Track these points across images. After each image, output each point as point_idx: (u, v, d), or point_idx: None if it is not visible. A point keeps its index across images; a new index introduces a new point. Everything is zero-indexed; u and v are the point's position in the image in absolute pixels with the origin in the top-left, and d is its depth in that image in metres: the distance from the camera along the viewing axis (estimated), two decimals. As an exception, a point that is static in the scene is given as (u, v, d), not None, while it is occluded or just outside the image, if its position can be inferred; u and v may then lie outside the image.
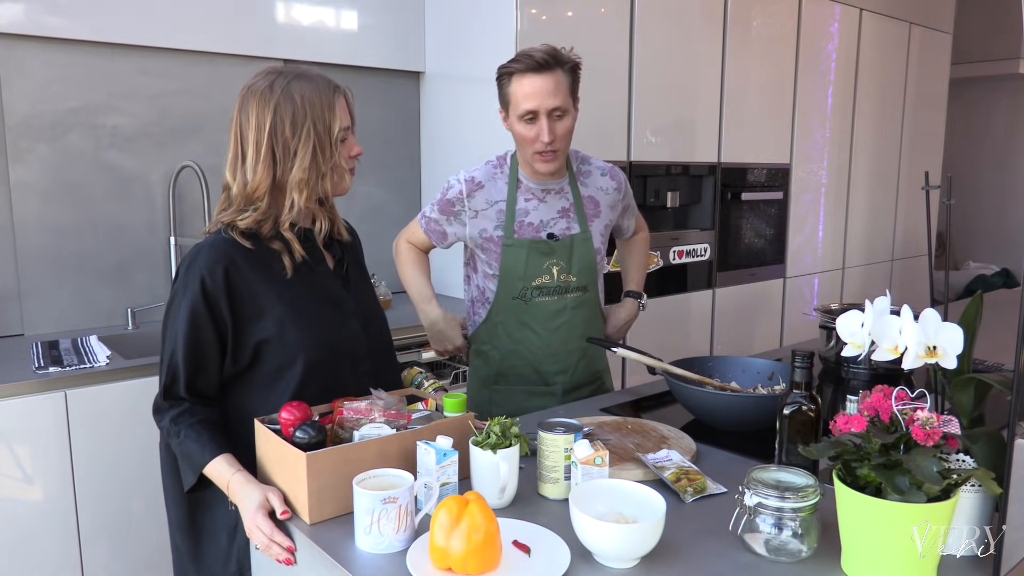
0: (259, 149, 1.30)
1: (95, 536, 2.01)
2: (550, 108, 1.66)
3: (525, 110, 1.67)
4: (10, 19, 2.23)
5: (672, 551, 1.07)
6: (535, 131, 1.68)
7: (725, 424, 1.57)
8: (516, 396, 1.87)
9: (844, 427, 1.00)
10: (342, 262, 1.49)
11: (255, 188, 1.32)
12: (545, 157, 1.72)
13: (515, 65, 1.67)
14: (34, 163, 2.35)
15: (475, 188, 1.82)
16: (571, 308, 1.83)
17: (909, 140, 4.62)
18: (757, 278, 3.72)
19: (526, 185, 1.81)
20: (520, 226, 1.79)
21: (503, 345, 1.85)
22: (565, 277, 1.81)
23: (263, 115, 1.30)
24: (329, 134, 1.32)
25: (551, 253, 1.79)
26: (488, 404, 1.89)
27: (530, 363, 1.84)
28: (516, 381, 1.87)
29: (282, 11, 2.71)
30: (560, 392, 1.86)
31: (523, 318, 1.82)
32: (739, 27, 3.39)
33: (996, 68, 5.25)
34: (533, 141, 1.69)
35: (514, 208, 1.80)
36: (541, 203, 1.81)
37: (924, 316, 1.05)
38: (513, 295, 1.81)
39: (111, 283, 2.51)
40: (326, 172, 1.34)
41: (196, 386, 1.32)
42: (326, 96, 1.33)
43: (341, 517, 1.17)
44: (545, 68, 1.65)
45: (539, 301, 1.81)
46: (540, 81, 1.65)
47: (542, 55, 1.65)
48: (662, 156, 3.16)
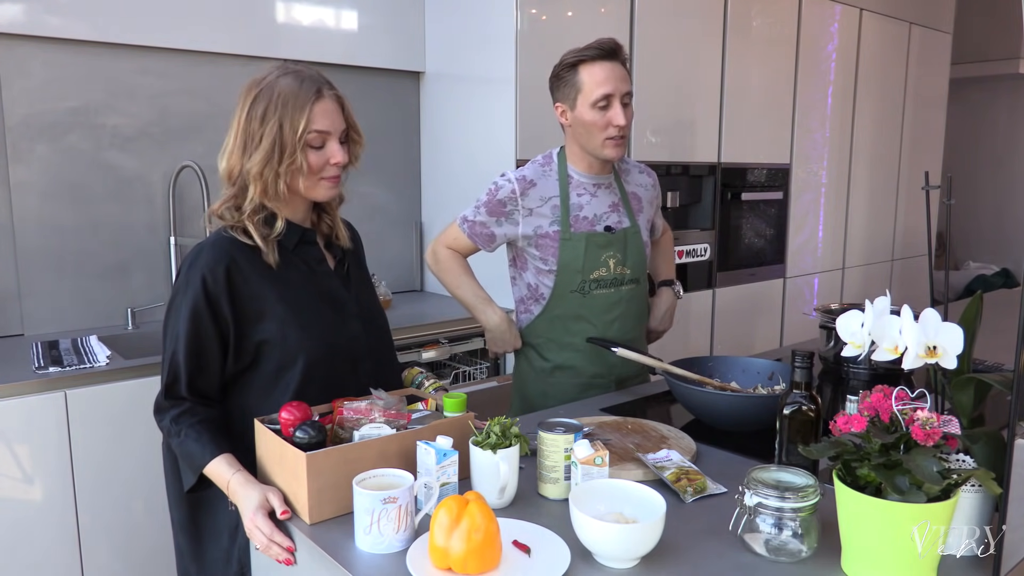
0: (236, 135, 1.32)
1: (95, 536, 2.01)
2: (624, 92, 1.72)
3: (601, 94, 1.70)
4: (10, 19, 2.23)
5: (672, 551, 1.07)
6: (608, 117, 1.71)
7: (725, 424, 1.57)
8: (571, 388, 1.88)
9: (844, 427, 1.00)
10: (343, 263, 1.49)
11: (228, 172, 1.34)
12: (617, 143, 1.75)
13: (587, 52, 1.71)
14: (34, 163, 2.35)
15: (528, 186, 1.81)
16: (626, 300, 1.86)
17: (909, 140, 4.62)
18: (757, 278, 3.72)
19: (577, 180, 1.83)
20: (576, 220, 1.81)
21: (560, 338, 1.87)
22: (621, 269, 1.84)
23: (245, 103, 1.32)
24: (294, 134, 1.30)
25: (608, 246, 1.82)
26: (542, 397, 1.90)
27: (588, 356, 1.86)
28: (572, 374, 1.88)
29: (282, 11, 2.71)
30: (613, 384, 1.90)
31: (580, 311, 1.84)
32: (739, 27, 3.39)
33: (996, 68, 5.25)
34: (605, 127, 1.72)
35: (568, 203, 1.81)
36: (593, 197, 1.84)
37: (924, 316, 1.05)
38: (572, 288, 1.82)
39: (111, 283, 2.51)
40: (281, 173, 1.31)
41: (197, 386, 1.32)
42: (303, 97, 1.30)
43: (341, 517, 1.17)
44: (614, 56, 1.72)
45: (597, 294, 1.83)
46: (611, 67, 1.71)
47: (611, 43, 1.71)
48: (662, 156, 3.16)
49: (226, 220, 1.34)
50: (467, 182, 2.95)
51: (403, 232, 3.19)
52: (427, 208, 3.21)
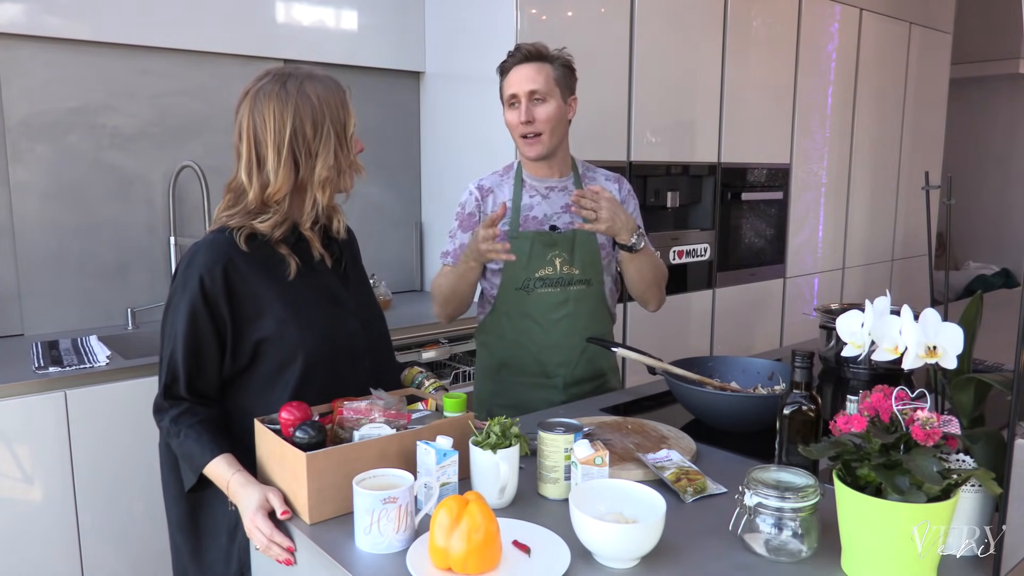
0: (280, 152, 1.30)
1: (95, 536, 2.01)
2: (528, 91, 1.76)
3: (509, 95, 1.80)
4: (10, 19, 2.23)
5: (672, 551, 1.07)
6: (516, 115, 1.79)
7: (725, 424, 1.57)
8: (518, 388, 1.89)
9: (844, 427, 1.00)
10: (340, 260, 1.49)
11: (277, 190, 1.32)
12: (528, 140, 1.80)
13: (507, 60, 1.82)
14: (34, 163, 2.35)
15: (487, 193, 1.89)
16: (574, 300, 1.84)
17: (909, 140, 4.62)
18: (757, 278, 3.72)
19: (530, 183, 1.88)
20: (525, 220, 1.85)
21: (506, 336, 1.87)
22: (568, 269, 1.84)
23: (281, 117, 1.30)
24: (345, 131, 1.35)
25: (554, 245, 1.82)
26: (491, 395, 1.92)
27: (532, 354, 1.86)
28: (518, 372, 1.88)
29: (282, 11, 2.71)
30: (561, 385, 1.87)
31: (526, 309, 1.84)
32: (739, 27, 3.39)
33: (996, 68, 5.25)
34: (516, 126, 1.80)
35: (519, 204, 1.85)
36: (544, 199, 1.86)
37: (924, 316, 1.05)
38: (516, 286, 1.83)
39: (111, 283, 2.51)
40: (345, 169, 1.37)
41: (196, 385, 1.32)
42: (339, 95, 1.35)
43: (341, 517, 1.17)
44: (531, 59, 1.78)
45: (541, 292, 1.83)
46: (524, 69, 1.78)
47: (529, 48, 1.79)
48: (662, 156, 3.16)
49: (234, 225, 1.34)
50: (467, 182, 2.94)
51: (403, 232, 3.19)
52: (427, 208, 3.21)
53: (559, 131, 1.81)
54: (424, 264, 3.24)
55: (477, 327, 1.96)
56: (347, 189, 1.41)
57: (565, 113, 1.82)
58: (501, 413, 1.85)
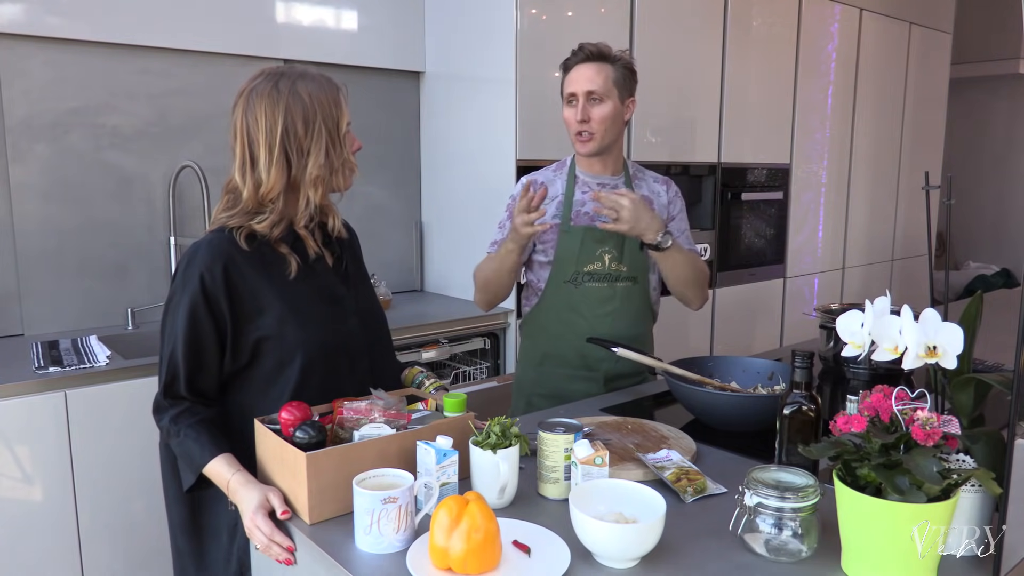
0: (272, 151, 1.31)
1: (95, 536, 2.01)
2: (587, 91, 1.79)
3: (568, 93, 1.83)
4: (10, 19, 2.23)
5: (672, 551, 1.07)
6: (573, 113, 1.81)
7: (725, 424, 1.57)
8: (560, 379, 1.91)
9: (844, 427, 1.00)
10: (341, 259, 1.49)
11: (269, 189, 1.32)
12: (581, 138, 1.82)
13: (570, 58, 1.84)
14: (34, 163, 2.35)
15: (539, 187, 1.84)
16: (620, 297, 1.87)
17: (909, 140, 4.62)
18: (757, 278, 3.72)
19: (583, 179, 1.90)
20: (576, 215, 1.86)
21: (552, 328, 1.90)
22: (616, 266, 1.86)
23: (273, 116, 1.30)
24: (338, 130, 1.35)
25: (604, 241, 1.84)
26: (533, 385, 1.95)
27: (575, 347, 1.87)
28: (561, 363, 1.91)
29: (282, 11, 2.71)
30: (603, 379, 1.90)
31: (572, 302, 1.86)
32: (739, 27, 3.39)
33: (996, 68, 5.25)
34: (572, 123, 1.83)
35: (572, 199, 1.88)
36: None
37: (924, 316, 1.05)
38: (564, 279, 1.86)
39: (111, 283, 2.51)
40: (338, 167, 1.36)
41: (196, 385, 1.32)
42: (331, 93, 1.35)
43: (341, 517, 1.17)
44: (592, 59, 1.80)
45: (589, 286, 1.86)
46: (585, 69, 1.80)
47: (591, 48, 1.81)
48: (662, 156, 3.16)
49: (233, 225, 1.34)
50: (467, 182, 2.95)
51: (403, 232, 3.19)
52: (427, 208, 3.21)
53: (613, 131, 1.83)
54: (424, 264, 3.24)
55: (522, 318, 1.99)
56: (341, 188, 1.41)
57: (621, 114, 1.84)
58: (541, 403, 1.91)
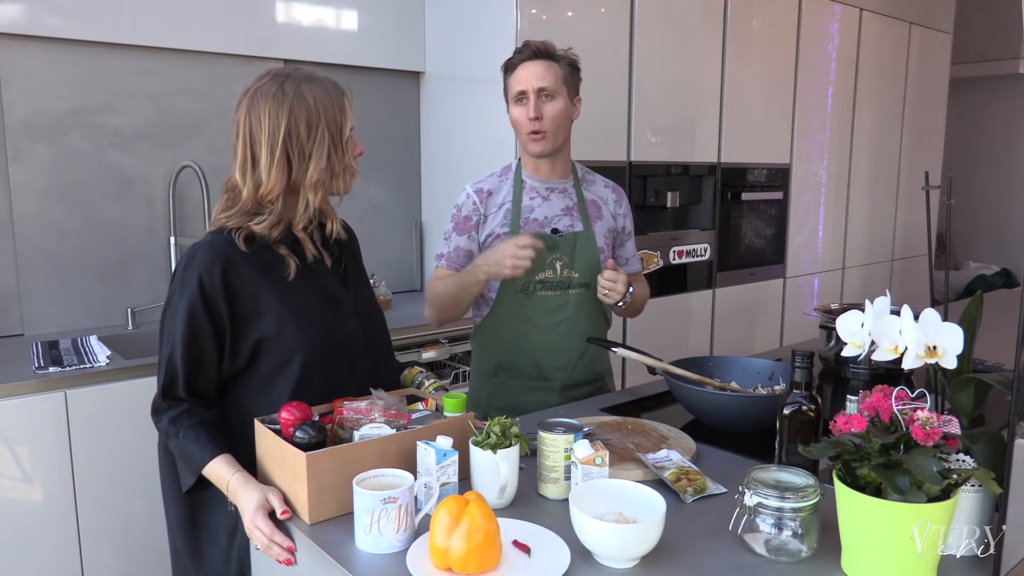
0: (273, 152, 1.31)
1: (95, 536, 2.01)
2: (537, 88, 1.76)
3: (516, 92, 1.78)
4: (10, 19, 2.23)
5: (672, 551, 1.07)
6: (524, 111, 1.77)
7: (725, 424, 1.57)
8: (515, 390, 1.87)
9: (844, 427, 1.00)
10: (340, 260, 1.49)
11: (269, 191, 1.32)
12: (534, 137, 1.78)
13: (515, 56, 1.81)
14: (34, 163, 2.35)
15: (486, 196, 1.87)
16: (573, 304, 1.84)
17: (909, 140, 4.62)
18: (757, 278, 3.72)
19: (530, 185, 1.86)
20: (525, 222, 1.83)
21: (504, 338, 1.86)
22: (568, 273, 1.83)
23: (276, 118, 1.30)
24: (341, 134, 1.35)
25: (555, 248, 1.81)
26: (487, 397, 1.91)
27: (530, 357, 1.85)
28: (515, 375, 1.87)
29: (282, 11, 2.71)
30: (559, 388, 1.86)
31: (524, 312, 1.83)
32: (739, 27, 3.39)
33: (996, 68, 5.25)
34: (524, 122, 1.78)
35: (520, 206, 1.84)
36: (545, 201, 1.85)
37: (924, 316, 1.05)
38: (516, 288, 1.82)
39: (111, 283, 2.51)
40: (339, 172, 1.36)
41: (195, 386, 1.32)
42: (336, 97, 1.35)
43: (341, 517, 1.17)
44: (539, 57, 1.78)
45: (541, 295, 1.83)
46: (533, 66, 1.77)
47: (537, 45, 1.79)
48: (662, 156, 3.16)
49: (232, 226, 1.34)
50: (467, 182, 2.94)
51: (403, 232, 3.19)
52: (427, 208, 3.21)
53: (564, 129, 1.81)
54: (424, 264, 3.24)
55: (474, 329, 1.95)
56: (340, 192, 1.41)
57: (570, 113, 1.82)
58: (497, 415, 1.86)
